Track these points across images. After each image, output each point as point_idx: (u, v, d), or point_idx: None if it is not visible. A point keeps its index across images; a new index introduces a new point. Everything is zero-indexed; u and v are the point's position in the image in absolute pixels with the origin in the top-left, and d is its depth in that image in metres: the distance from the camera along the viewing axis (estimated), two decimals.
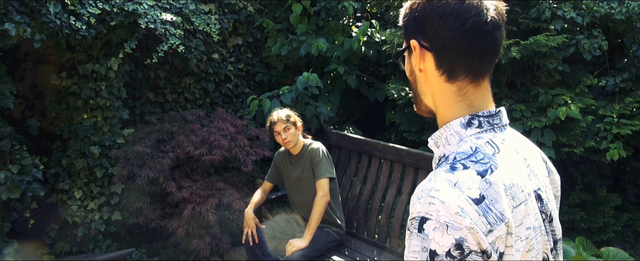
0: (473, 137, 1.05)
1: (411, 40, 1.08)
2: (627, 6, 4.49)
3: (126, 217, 4.48)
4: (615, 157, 4.27)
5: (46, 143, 4.57)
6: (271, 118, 3.53)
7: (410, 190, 3.70)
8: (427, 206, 0.93)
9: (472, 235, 0.91)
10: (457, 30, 1.01)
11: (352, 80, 5.20)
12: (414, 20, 1.07)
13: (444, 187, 0.94)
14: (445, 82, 1.07)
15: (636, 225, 4.99)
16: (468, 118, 1.06)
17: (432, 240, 0.92)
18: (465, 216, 0.91)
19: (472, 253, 0.91)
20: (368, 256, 3.67)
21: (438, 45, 1.04)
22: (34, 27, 3.62)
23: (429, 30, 1.04)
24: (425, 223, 0.93)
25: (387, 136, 5.70)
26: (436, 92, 1.09)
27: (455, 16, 1.01)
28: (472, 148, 1.02)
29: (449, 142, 1.07)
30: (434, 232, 0.92)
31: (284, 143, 3.52)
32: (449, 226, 0.91)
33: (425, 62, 1.08)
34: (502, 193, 0.97)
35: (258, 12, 5.37)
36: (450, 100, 1.07)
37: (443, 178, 0.96)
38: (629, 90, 4.66)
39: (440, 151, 1.09)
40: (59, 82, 4.23)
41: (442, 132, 1.08)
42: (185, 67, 4.89)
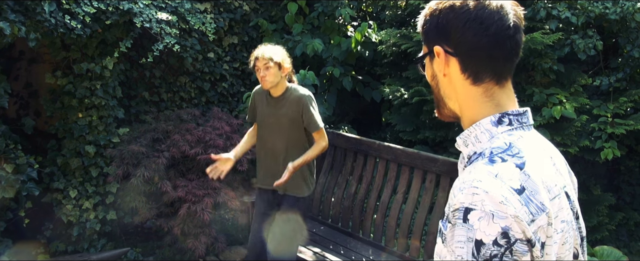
0: (505, 133, 1.08)
1: (435, 47, 1.11)
2: (621, 6, 4.51)
3: (121, 216, 4.47)
4: (610, 156, 4.29)
5: (41, 143, 4.55)
6: (255, 53, 3.23)
7: (406, 189, 3.71)
8: (470, 197, 0.96)
9: (518, 224, 0.93)
10: (482, 35, 1.05)
11: (348, 82, 5.21)
12: (436, 26, 1.11)
13: (486, 178, 0.97)
14: (471, 85, 1.11)
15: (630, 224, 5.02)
16: (498, 117, 1.10)
17: (477, 230, 0.93)
18: (509, 205, 0.94)
19: (517, 242, 0.93)
20: (363, 255, 3.68)
21: (463, 50, 1.08)
22: (29, 26, 3.61)
23: (453, 36, 1.08)
24: (470, 213, 0.95)
25: (382, 135, 5.71)
26: (462, 94, 1.13)
27: (480, 22, 1.05)
28: (507, 144, 1.05)
29: (479, 140, 1.10)
30: (479, 222, 0.94)
31: (261, 80, 3.21)
32: (494, 215, 0.93)
33: (449, 67, 1.11)
34: (540, 185, 1.01)
35: (254, 11, 5.36)
36: (477, 102, 1.11)
37: (484, 170, 0.99)
38: (623, 89, 4.68)
39: (469, 149, 1.12)
40: (53, 81, 4.21)
41: (472, 130, 1.11)
42: (181, 66, 4.88)
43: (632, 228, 5.03)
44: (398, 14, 5.93)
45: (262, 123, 3.40)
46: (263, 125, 3.40)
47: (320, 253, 3.67)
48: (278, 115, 3.32)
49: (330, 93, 5.37)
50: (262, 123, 3.41)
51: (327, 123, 5.27)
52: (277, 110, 3.33)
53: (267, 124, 3.38)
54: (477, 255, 0.93)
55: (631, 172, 5.13)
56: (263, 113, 3.39)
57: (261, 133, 3.42)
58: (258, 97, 3.43)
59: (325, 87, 5.43)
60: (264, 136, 3.42)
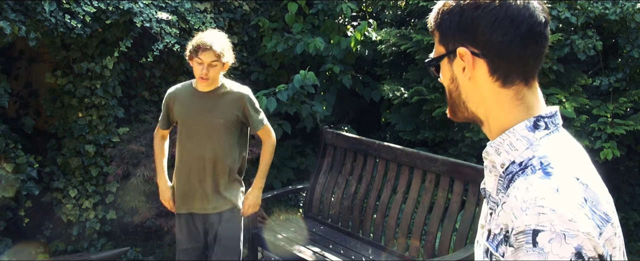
0: (544, 140, 1.00)
1: (459, 48, 1.02)
2: (621, 6, 4.51)
3: (121, 216, 4.47)
4: (609, 156, 4.29)
5: (41, 142, 4.55)
6: (201, 42, 2.74)
7: (406, 189, 3.72)
8: (536, 217, 0.88)
9: (589, 241, 0.87)
10: (514, 34, 0.98)
11: (348, 80, 5.21)
12: (458, 25, 1.01)
13: (549, 195, 0.89)
14: (500, 88, 1.02)
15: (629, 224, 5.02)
16: (533, 121, 1.01)
17: (549, 253, 0.86)
18: (579, 222, 0.87)
19: (592, 260, 0.86)
20: (363, 255, 3.68)
21: (492, 51, 1.00)
22: (29, 25, 3.61)
23: (480, 36, 0.99)
24: (539, 235, 0.87)
25: (382, 135, 5.71)
26: (490, 98, 1.04)
27: (510, 19, 0.98)
28: (553, 152, 0.98)
29: (515, 148, 1.01)
30: (550, 244, 0.86)
31: (200, 78, 2.77)
32: (566, 235, 0.86)
33: (475, 70, 1.02)
34: (599, 193, 0.95)
35: (253, 11, 5.36)
36: (508, 106, 1.03)
37: (543, 185, 0.91)
38: (623, 90, 4.69)
39: (502, 158, 1.03)
40: (53, 80, 4.22)
41: (505, 137, 1.02)
42: (181, 65, 4.88)
43: (632, 228, 5.04)
44: (398, 14, 5.93)
45: (184, 127, 2.89)
46: (186, 129, 2.88)
47: (320, 252, 3.67)
48: (209, 116, 2.84)
49: (330, 92, 5.38)
50: (184, 127, 2.89)
51: (327, 123, 5.28)
52: (209, 110, 2.85)
53: (192, 127, 2.86)
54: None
55: (630, 172, 5.13)
56: (187, 114, 2.87)
57: (182, 140, 2.90)
58: (179, 96, 2.92)
59: (325, 86, 5.43)
60: (185, 144, 2.89)
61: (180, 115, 2.90)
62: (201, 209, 2.93)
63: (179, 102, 2.90)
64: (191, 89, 2.91)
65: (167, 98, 2.95)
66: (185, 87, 2.94)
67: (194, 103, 2.87)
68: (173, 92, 2.94)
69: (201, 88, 2.87)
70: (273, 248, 3.82)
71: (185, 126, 2.90)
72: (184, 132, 2.90)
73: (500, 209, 0.98)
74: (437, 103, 4.70)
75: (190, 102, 2.88)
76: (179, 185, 2.94)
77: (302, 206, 4.77)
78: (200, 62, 2.76)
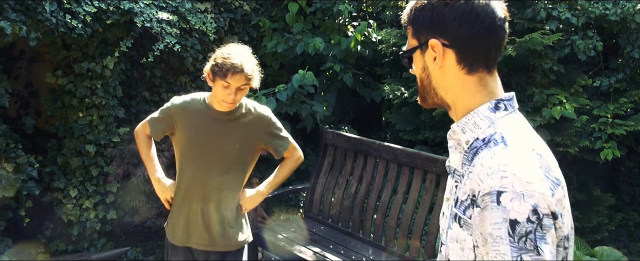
0: (503, 119, 1.17)
1: (431, 40, 1.16)
2: (621, 7, 4.52)
3: (121, 216, 4.47)
4: (609, 156, 4.29)
5: (41, 142, 4.55)
6: (231, 63, 2.36)
7: (406, 189, 3.72)
8: (500, 181, 1.03)
9: (544, 200, 1.02)
10: (479, 27, 1.14)
11: (348, 78, 5.21)
12: (430, 20, 1.16)
13: (510, 161, 1.05)
14: (466, 75, 1.18)
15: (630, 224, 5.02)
16: (494, 103, 1.18)
17: (511, 210, 1.01)
18: (534, 183, 1.03)
19: (545, 217, 1.02)
20: (364, 255, 3.68)
21: (460, 42, 1.15)
22: (29, 25, 3.61)
23: (450, 29, 1.14)
24: (502, 195, 1.03)
25: (382, 135, 5.71)
26: (456, 85, 1.19)
27: (475, 15, 1.13)
28: (511, 128, 1.15)
29: (478, 126, 1.17)
30: (512, 202, 1.02)
31: (226, 103, 2.43)
32: (524, 195, 1.01)
33: (445, 59, 1.17)
34: (550, 161, 1.12)
35: (254, 11, 5.37)
36: (472, 90, 1.18)
37: (505, 154, 1.08)
38: (623, 90, 4.69)
39: (467, 136, 1.19)
40: (54, 80, 4.22)
41: (469, 118, 1.18)
42: (181, 65, 4.89)
43: (632, 228, 5.04)
44: (398, 14, 5.93)
45: (191, 148, 2.51)
46: (193, 151, 2.51)
47: (320, 253, 3.67)
48: (224, 140, 2.49)
49: (330, 92, 5.38)
50: (191, 148, 2.51)
51: (327, 123, 5.28)
52: (224, 133, 2.50)
53: (201, 150, 2.50)
54: (513, 234, 1.01)
55: (631, 173, 5.14)
56: (196, 135, 2.49)
57: (187, 163, 2.53)
58: (188, 111, 2.51)
59: (325, 86, 5.43)
60: (190, 167, 2.52)
61: (188, 134, 2.50)
62: (202, 245, 2.57)
63: (188, 118, 2.50)
64: (204, 106, 2.51)
65: (172, 108, 2.53)
66: (198, 102, 2.53)
67: (206, 124, 2.49)
68: (182, 105, 2.52)
69: (218, 108, 2.49)
70: (273, 248, 3.82)
71: (192, 147, 2.50)
72: (189, 153, 2.51)
73: (466, 178, 1.13)
74: None
75: (202, 121, 2.49)
76: (179, 215, 2.57)
77: (303, 207, 4.77)
78: (227, 85, 2.37)
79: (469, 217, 1.11)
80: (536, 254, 1.00)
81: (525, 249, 1.00)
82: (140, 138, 2.69)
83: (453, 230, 1.16)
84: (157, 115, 2.60)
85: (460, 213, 1.13)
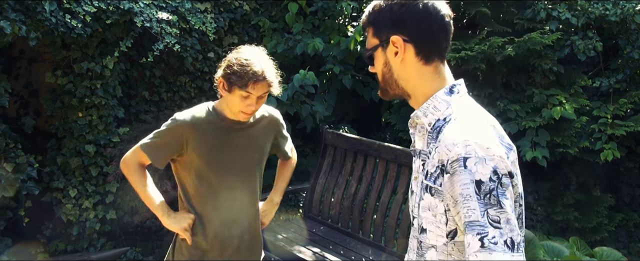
0: (458, 100, 1.36)
1: (392, 36, 1.34)
2: (621, 7, 4.52)
3: (121, 216, 4.47)
4: (609, 157, 4.29)
5: (41, 142, 4.55)
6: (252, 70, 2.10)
7: (406, 189, 3.72)
8: (464, 148, 1.22)
9: (502, 162, 1.22)
10: (433, 24, 1.34)
11: (348, 80, 5.21)
12: (391, 19, 1.35)
13: (471, 133, 1.24)
14: (423, 65, 1.36)
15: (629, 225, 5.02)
16: (449, 88, 1.37)
17: (475, 172, 1.20)
18: (493, 148, 1.22)
19: (503, 176, 1.21)
20: (363, 255, 3.68)
21: (418, 37, 1.34)
22: (29, 25, 3.61)
23: (409, 26, 1.33)
24: (467, 160, 1.21)
25: (382, 135, 5.71)
26: (416, 75, 1.37)
27: (429, 13, 1.33)
28: (466, 107, 1.35)
29: (438, 109, 1.36)
30: (476, 166, 1.20)
31: (245, 113, 2.17)
32: (486, 159, 1.20)
33: (405, 53, 1.35)
34: (501, 131, 1.32)
35: (254, 11, 5.36)
36: (429, 79, 1.37)
37: (466, 127, 1.27)
38: (623, 91, 4.69)
39: (429, 118, 1.37)
40: (54, 80, 4.22)
41: (429, 103, 1.37)
42: (181, 65, 4.88)
43: (632, 229, 5.04)
44: None
45: (211, 167, 2.20)
46: (216, 172, 2.21)
47: (320, 253, 3.67)
48: (244, 153, 2.26)
49: (330, 93, 5.37)
50: (211, 168, 2.20)
51: (327, 123, 5.28)
52: (244, 145, 2.26)
53: (226, 168, 2.22)
54: (479, 192, 1.19)
55: (630, 173, 5.13)
56: (216, 152, 2.20)
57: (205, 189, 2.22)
58: (199, 128, 2.18)
59: (325, 86, 5.43)
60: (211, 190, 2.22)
61: (206, 154, 2.19)
62: None
63: (201, 135, 2.17)
64: (215, 118, 2.22)
65: (180, 127, 2.17)
66: (206, 114, 2.21)
67: (224, 137, 2.21)
68: (190, 122, 2.18)
69: (232, 117, 2.22)
70: (273, 249, 3.82)
71: (213, 166, 2.20)
72: (211, 174, 2.20)
73: (433, 153, 1.31)
74: None
75: (219, 135, 2.20)
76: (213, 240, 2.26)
77: (302, 207, 4.76)
78: (247, 95, 2.12)
79: (439, 185, 1.28)
80: (499, 207, 1.18)
81: (490, 204, 1.18)
82: (131, 168, 2.29)
83: (425, 200, 1.33)
84: (155, 139, 2.21)
85: (431, 184, 1.31)
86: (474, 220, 1.19)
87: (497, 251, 1.17)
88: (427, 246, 1.36)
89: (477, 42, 4.64)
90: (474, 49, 4.53)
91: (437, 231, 1.32)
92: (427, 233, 1.35)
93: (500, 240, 1.18)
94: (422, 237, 1.37)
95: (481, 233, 1.18)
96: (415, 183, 1.42)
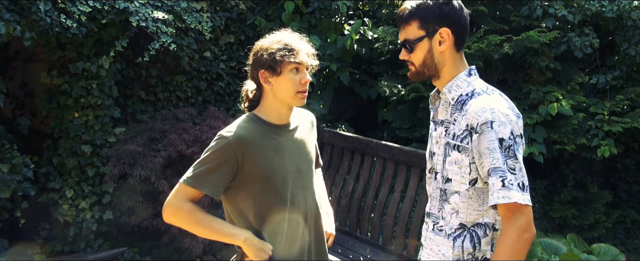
0: (475, 81, 1.78)
1: (443, 28, 1.73)
2: (618, 4, 4.52)
3: (118, 216, 4.45)
4: (606, 154, 4.30)
5: (37, 142, 4.54)
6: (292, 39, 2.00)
7: (403, 187, 3.71)
8: (490, 114, 1.64)
9: (516, 125, 1.67)
10: (466, 19, 1.77)
11: (345, 77, 5.20)
12: (440, 14, 1.72)
13: (494, 102, 1.67)
14: (456, 53, 1.78)
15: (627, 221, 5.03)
16: (468, 70, 1.79)
17: (499, 132, 1.63)
18: (510, 114, 1.66)
19: (517, 137, 1.65)
20: (361, 254, 3.67)
21: (459, 29, 1.75)
22: (24, 25, 3.59)
23: (454, 19, 1.74)
24: (493, 123, 1.63)
25: (379, 134, 5.70)
26: (449, 60, 1.77)
27: (463, 10, 1.76)
28: (484, 85, 1.78)
29: (460, 87, 1.77)
30: (499, 127, 1.63)
31: (302, 93, 1.98)
32: (506, 122, 1.64)
33: (449, 42, 1.74)
34: (511, 102, 1.74)
35: (250, 10, 5.35)
36: (457, 63, 1.79)
37: (489, 98, 1.69)
38: (619, 87, 4.69)
39: (453, 94, 1.77)
40: (49, 80, 4.20)
41: (453, 82, 1.77)
42: (177, 65, 4.87)
43: (629, 225, 5.04)
44: (394, 12, 5.93)
45: (270, 181, 1.96)
46: (275, 183, 1.96)
47: None
48: (300, 158, 2.06)
49: (327, 91, 5.37)
50: (270, 182, 1.96)
51: (324, 122, 5.27)
52: (297, 149, 2.06)
53: (284, 180, 1.99)
54: (501, 147, 1.62)
55: (628, 170, 5.14)
56: (277, 165, 1.97)
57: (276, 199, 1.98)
58: (253, 142, 1.93)
59: (322, 85, 5.42)
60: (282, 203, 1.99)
61: (266, 168, 1.95)
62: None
63: (258, 149, 1.93)
64: (263, 126, 1.99)
65: (232, 147, 1.89)
66: (253, 125, 1.97)
67: (276, 146, 1.99)
68: (243, 136, 1.91)
69: (283, 119, 2.03)
70: None
71: (271, 180, 1.96)
72: (273, 187, 1.97)
73: (460, 119, 1.72)
74: None
75: (274, 144, 1.98)
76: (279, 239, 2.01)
77: None
78: (298, 65, 1.95)
79: (466, 143, 1.69)
80: (515, 159, 1.62)
81: (508, 156, 1.62)
82: (182, 212, 1.92)
83: (451, 156, 1.73)
84: (204, 167, 1.90)
85: (458, 143, 1.71)
86: (498, 167, 1.61)
87: (513, 190, 1.59)
88: (451, 192, 1.76)
89: (475, 40, 4.64)
90: (472, 47, 4.53)
91: (460, 180, 1.73)
92: (452, 182, 1.75)
93: (515, 182, 1.60)
94: (447, 185, 1.76)
95: (502, 177, 1.60)
96: (436, 147, 1.82)
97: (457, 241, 1.76)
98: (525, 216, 1.60)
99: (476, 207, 1.73)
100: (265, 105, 2.01)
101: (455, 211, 1.75)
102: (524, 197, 1.59)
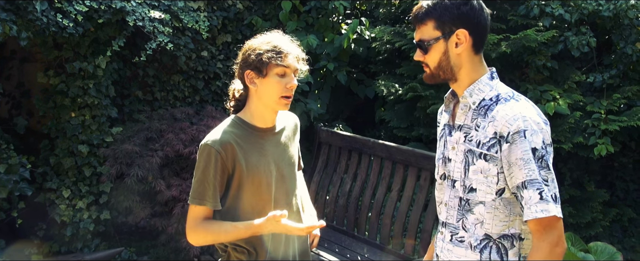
0: (498, 84, 1.69)
1: (459, 30, 1.63)
2: (614, 3, 4.52)
3: (115, 216, 4.45)
4: (603, 152, 4.30)
5: (33, 142, 4.53)
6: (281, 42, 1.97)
7: (400, 187, 3.71)
8: (523, 123, 1.56)
9: (547, 134, 1.60)
10: (486, 20, 1.66)
11: (343, 76, 5.20)
12: (458, 15, 1.62)
13: (524, 110, 1.59)
14: (474, 55, 1.68)
15: (624, 220, 5.04)
16: (490, 74, 1.70)
17: (531, 141, 1.55)
18: (541, 123, 1.59)
19: (548, 145, 1.59)
20: (358, 253, 3.68)
21: (478, 31, 1.64)
22: (20, 25, 3.58)
23: (474, 21, 1.63)
24: (525, 132, 1.55)
25: (377, 133, 5.71)
26: (467, 62, 1.67)
27: (483, 11, 1.66)
28: (508, 89, 1.69)
29: (482, 90, 1.67)
30: (531, 136, 1.55)
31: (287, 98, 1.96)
32: (538, 131, 1.56)
33: (466, 43, 1.64)
34: (538, 108, 1.65)
35: (247, 10, 5.34)
36: (477, 66, 1.69)
37: (519, 106, 1.61)
38: (616, 86, 4.70)
39: (474, 98, 1.67)
40: (46, 80, 4.19)
41: (475, 85, 1.67)
42: (174, 64, 4.86)
43: (626, 224, 5.05)
44: (392, 12, 5.93)
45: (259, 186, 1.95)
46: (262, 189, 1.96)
47: (315, 251, 3.66)
48: (284, 162, 2.05)
49: (324, 90, 5.37)
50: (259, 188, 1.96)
51: (322, 121, 5.27)
52: (282, 153, 2.05)
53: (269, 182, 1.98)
54: (534, 157, 1.54)
55: (625, 168, 5.15)
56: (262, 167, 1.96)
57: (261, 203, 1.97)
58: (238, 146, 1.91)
59: (319, 84, 5.42)
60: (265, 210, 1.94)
61: (251, 173, 1.93)
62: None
63: (242, 155, 1.92)
64: (247, 130, 1.97)
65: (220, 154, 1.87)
66: (237, 129, 1.96)
67: (261, 150, 1.97)
68: (227, 140, 1.90)
69: (267, 122, 2.00)
70: None
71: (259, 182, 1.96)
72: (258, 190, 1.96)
73: (485, 125, 1.62)
74: (432, 100, 4.69)
75: (258, 148, 1.96)
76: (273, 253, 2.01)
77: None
78: (284, 71, 1.92)
79: (495, 152, 1.60)
80: (547, 169, 1.56)
81: (542, 167, 1.55)
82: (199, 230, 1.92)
83: (476, 165, 1.63)
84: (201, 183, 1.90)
85: (485, 151, 1.61)
86: (534, 178, 1.54)
87: (550, 203, 1.54)
88: (475, 202, 1.66)
89: None
90: None
91: (486, 190, 1.63)
92: (477, 192, 1.65)
93: (549, 194, 1.54)
94: (470, 195, 1.66)
95: (540, 189, 1.54)
96: (453, 153, 1.72)
97: (484, 253, 1.66)
98: (557, 230, 1.55)
99: (502, 218, 1.64)
100: (250, 107, 2.00)
101: (480, 222, 1.66)
102: (558, 209, 1.54)
